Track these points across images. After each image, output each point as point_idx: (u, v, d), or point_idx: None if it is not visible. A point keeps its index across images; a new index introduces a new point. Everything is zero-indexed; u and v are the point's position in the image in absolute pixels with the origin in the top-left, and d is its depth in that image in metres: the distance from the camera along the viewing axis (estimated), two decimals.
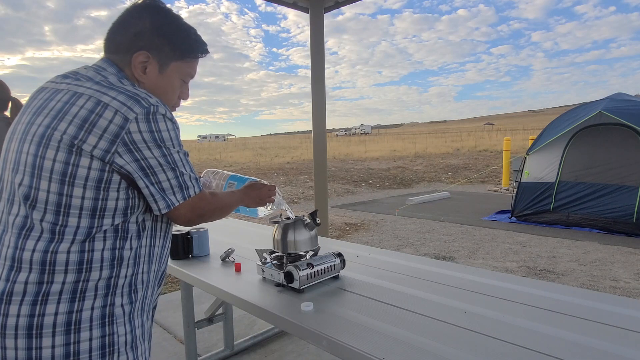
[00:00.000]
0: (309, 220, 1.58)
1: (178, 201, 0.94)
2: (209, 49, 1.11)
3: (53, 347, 0.83)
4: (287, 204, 1.53)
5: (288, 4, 3.84)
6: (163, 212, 0.93)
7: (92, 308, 0.87)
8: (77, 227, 0.86)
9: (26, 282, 0.84)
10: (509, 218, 6.59)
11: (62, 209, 0.85)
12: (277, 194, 1.43)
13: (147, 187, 0.90)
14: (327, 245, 2.03)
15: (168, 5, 1.03)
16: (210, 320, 2.56)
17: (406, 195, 9.56)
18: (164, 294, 3.77)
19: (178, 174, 0.94)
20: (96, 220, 0.88)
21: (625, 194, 5.51)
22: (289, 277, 1.44)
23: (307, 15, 3.83)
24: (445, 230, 6.19)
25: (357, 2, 3.74)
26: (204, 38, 1.09)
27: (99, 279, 0.88)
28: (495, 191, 9.89)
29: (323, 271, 1.52)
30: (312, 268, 1.48)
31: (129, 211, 0.92)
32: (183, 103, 1.14)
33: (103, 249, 0.89)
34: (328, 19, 4.68)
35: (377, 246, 4.83)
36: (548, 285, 1.46)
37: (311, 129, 3.98)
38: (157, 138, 0.90)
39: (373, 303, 1.35)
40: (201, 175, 1.56)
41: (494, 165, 13.74)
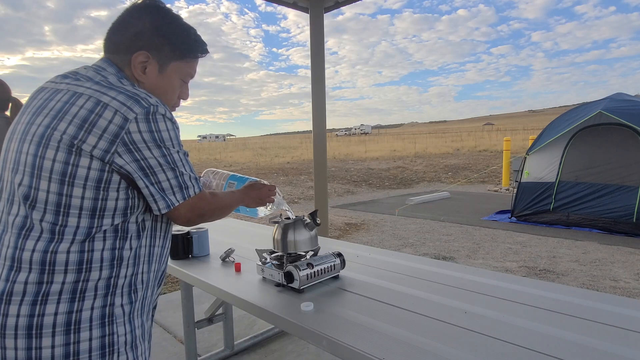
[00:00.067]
0: (309, 220, 1.58)
1: (178, 201, 0.94)
2: (209, 49, 1.11)
3: (53, 347, 0.83)
4: (287, 204, 1.53)
5: (288, 4, 3.84)
6: (163, 212, 0.93)
7: (92, 308, 0.87)
8: (77, 227, 0.86)
9: (26, 282, 0.84)
10: (509, 218, 6.59)
11: (61, 209, 0.85)
12: (277, 194, 1.43)
13: (146, 187, 0.90)
14: (327, 245, 2.03)
15: (168, 5, 1.03)
16: (210, 320, 2.56)
17: (406, 195, 9.56)
18: (164, 294, 3.77)
19: (178, 174, 0.94)
20: (96, 220, 0.88)
21: (625, 194, 5.51)
22: (289, 277, 1.44)
23: (307, 15, 3.83)
24: (445, 230, 6.19)
25: (357, 2, 3.74)
26: (204, 38, 1.09)
27: (98, 279, 0.88)
28: (495, 191, 9.89)
29: (323, 271, 1.52)
30: (312, 268, 1.47)
31: (128, 211, 0.92)
32: (183, 103, 1.14)
33: (103, 249, 0.89)
34: (328, 19, 4.68)
35: (377, 246, 4.83)
36: (548, 285, 1.46)
37: (311, 129, 3.98)
38: (156, 138, 0.90)
39: (373, 303, 1.35)
40: (201, 175, 1.56)
41: (494, 165, 13.74)
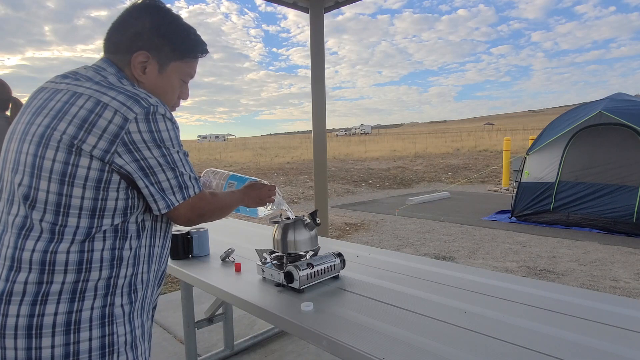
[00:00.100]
0: (309, 220, 1.58)
1: (178, 201, 0.94)
2: (209, 49, 1.11)
3: (53, 347, 0.83)
4: (287, 204, 1.53)
5: (288, 4, 3.84)
6: (163, 212, 0.93)
7: (92, 308, 0.87)
8: (77, 227, 0.86)
9: (26, 282, 0.84)
10: (509, 218, 6.59)
11: (61, 209, 0.85)
12: (277, 194, 1.43)
13: (146, 187, 0.90)
14: (327, 245, 2.03)
15: (168, 5, 1.03)
16: (210, 320, 2.56)
17: (406, 195, 9.56)
18: (164, 294, 3.77)
19: (178, 174, 0.94)
20: (96, 220, 0.88)
21: (625, 194, 5.51)
22: (289, 277, 1.44)
23: (307, 15, 3.83)
24: (445, 230, 6.19)
25: (357, 2, 3.74)
26: (204, 38, 1.09)
27: (98, 279, 0.88)
28: (495, 191, 9.89)
29: (323, 271, 1.52)
30: (312, 268, 1.47)
31: (128, 211, 0.92)
32: (183, 103, 1.14)
33: (103, 249, 0.89)
34: (328, 19, 4.68)
35: (377, 246, 4.83)
36: (548, 285, 1.45)
37: (311, 129, 3.98)
38: (156, 138, 0.90)
39: (373, 303, 1.35)
40: (201, 175, 1.56)
41: (494, 165, 13.74)
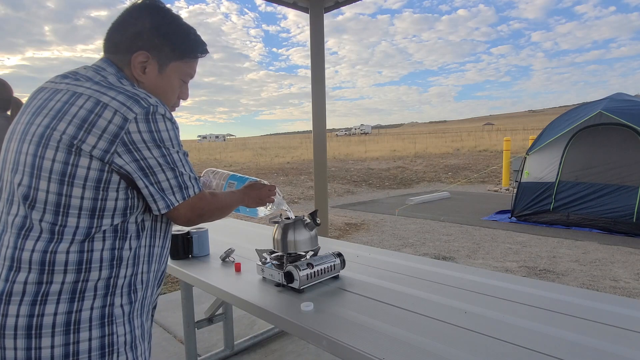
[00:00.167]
0: (309, 220, 1.58)
1: (178, 201, 0.94)
2: (209, 49, 1.11)
3: (52, 347, 0.83)
4: (287, 204, 1.53)
5: (288, 4, 3.84)
6: (162, 212, 0.93)
7: (92, 308, 0.87)
8: (77, 227, 0.86)
9: (25, 282, 0.84)
10: (509, 218, 6.59)
11: (61, 209, 0.85)
12: (277, 194, 1.43)
13: (146, 187, 0.90)
14: (327, 245, 2.03)
15: (168, 5, 1.03)
16: (210, 320, 2.56)
17: (406, 195, 9.56)
18: (164, 294, 3.77)
19: (177, 174, 0.94)
20: (95, 220, 0.88)
21: (625, 194, 5.51)
22: (289, 277, 1.44)
23: (307, 15, 3.83)
24: (445, 230, 6.19)
25: (357, 2, 3.74)
26: (204, 38, 1.09)
27: (98, 279, 0.88)
28: (495, 191, 9.89)
29: (323, 271, 1.52)
30: (312, 268, 1.47)
31: (128, 211, 0.92)
32: (183, 103, 1.14)
33: (102, 249, 0.89)
34: (328, 19, 4.68)
35: (377, 246, 4.82)
36: (548, 285, 1.45)
37: (311, 129, 3.98)
38: (156, 138, 0.90)
39: (373, 303, 1.35)
40: (201, 175, 1.56)
41: (494, 165, 13.74)
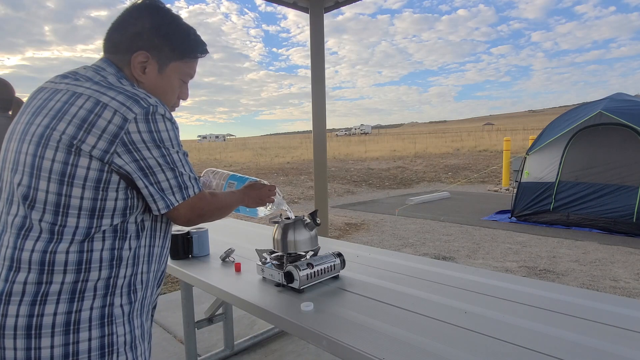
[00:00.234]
0: (309, 220, 1.58)
1: (177, 201, 0.94)
2: (209, 49, 1.11)
3: (52, 347, 0.83)
4: (287, 204, 1.53)
5: (288, 4, 3.84)
6: (162, 212, 0.93)
7: (91, 308, 0.87)
8: (76, 227, 0.86)
9: (25, 282, 0.84)
10: (509, 218, 6.59)
11: (61, 209, 0.85)
12: (277, 194, 1.43)
13: (146, 187, 0.90)
14: (327, 245, 2.03)
15: (168, 5, 1.03)
16: (210, 320, 2.56)
17: (406, 195, 9.56)
18: (164, 294, 3.77)
19: (177, 174, 0.94)
20: (95, 220, 0.88)
21: (625, 194, 5.51)
22: (289, 277, 1.44)
23: (307, 15, 3.83)
24: (445, 230, 6.19)
25: (357, 2, 3.74)
26: (204, 38, 1.09)
27: (98, 279, 0.88)
28: (495, 191, 9.89)
29: (323, 271, 1.52)
30: (312, 268, 1.47)
31: (128, 211, 0.92)
32: (183, 103, 1.14)
33: (102, 249, 0.89)
34: (328, 19, 4.68)
35: (377, 246, 4.82)
36: (548, 285, 1.45)
37: (311, 129, 3.98)
38: (156, 138, 0.90)
39: (373, 303, 1.35)
40: (201, 175, 1.56)
41: (494, 165, 13.74)
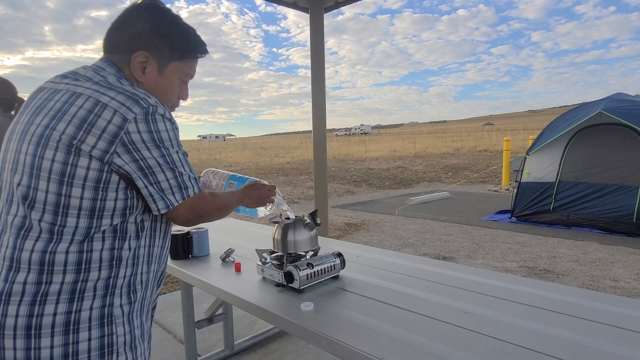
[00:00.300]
0: (309, 220, 1.58)
1: (177, 201, 0.94)
2: (209, 49, 1.11)
3: (52, 347, 0.83)
4: (287, 204, 1.53)
5: (288, 4, 3.84)
6: (162, 212, 0.93)
7: (91, 308, 0.87)
8: (76, 227, 0.86)
9: (25, 283, 0.84)
10: (509, 218, 6.59)
11: (60, 209, 0.85)
12: (277, 194, 1.43)
13: (146, 187, 0.90)
14: (327, 245, 2.03)
15: (168, 5, 1.02)
16: (210, 320, 2.56)
17: (406, 195, 9.56)
18: (164, 294, 3.77)
19: (177, 174, 0.94)
20: (95, 220, 0.88)
21: (625, 194, 5.51)
22: (289, 277, 1.44)
23: (307, 15, 3.83)
24: (445, 230, 6.19)
25: (357, 2, 3.74)
26: (204, 38, 1.09)
27: (97, 279, 0.88)
28: (495, 191, 9.89)
29: (323, 271, 1.51)
30: (312, 268, 1.47)
31: (127, 211, 0.92)
32: (183, 103, 1.14)
33: (102, 249, 0.89)
34: (328, 19, 4.68)
35: (377, 246, 4.82)
36: (548, 285, 1.45)
37: (311, 129, 3.98)
38: (156, 138, 0.90)
39: (373, 303, 1.35)
40: (201, 175, 1.56)
41: (494, 165, 13.73)
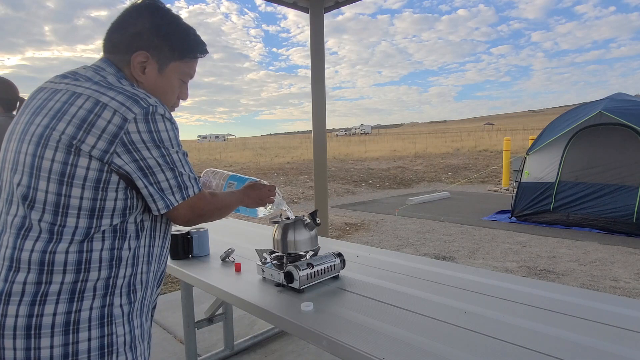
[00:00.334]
0: (309, 220, 1.58)
1: (177, 201, 0.94)
2: (209, 49, 1.11)
3: (52, 347, 0.83)
4: (287, 204, 1.53)
5: (288, 4, 3.84)
6: (162, 212, 0.93)
7: (91, 308, 0.87)
8: (76, 227, 0.86)
9: (25, 283, 0.84)
10: (509, 218, 6.59)
11: (60, 209, 0.85)
12: (277, 194, 1.43)
13: (145, 187, 0.90)
14: (327, 245, 2.03)
15: (167, 5, 1.02)
16: (210, 320, 2.56)
17: (406, 195, 9.56)
18: (164, 294, 3.77)
19: (177, 174, 0.94)
20: (95, 220, 0.88)
21: (625, 194, 5.51)
22: (289, 277, 1.44)
23: (307, 15, 3.83)
24: (445, 230, 6.19)
25: (357, 2, 3.74)
26: (204, 38, 1.09)
27: (97, 279, 0.88)
28: (495, 191, 9.89)
29: (323, 271, 1.51)
30: (312, 268, 1.47)
31: (127, 211, 0.92)
32: (183, 103, 1.14)
33: (102, 249, 0.89)
34: (328, 19, 4.69)
35: (377, 246, 4.82)
36: (548, 285, 1.45)
37: (311, 129, 3.98)
38: (155, 138, 0.90)
39: (373, 303, 1.35)
40: (201, 175, 1.56)
41: (494, 165, 13.73)
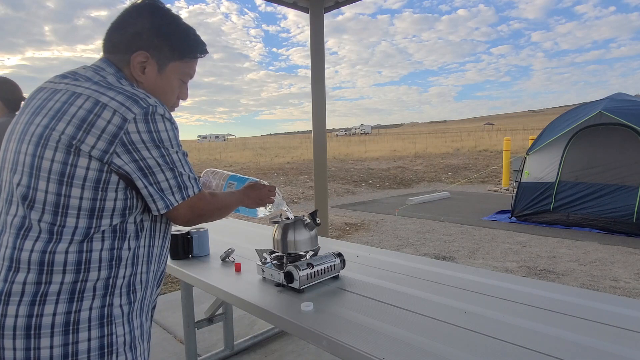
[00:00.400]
0: (309, 220, 1.58)
1: (177, 201, 0.94)
2: (209, 49, 1.11)
3: (51, 347, 0.83)
4: (287, 204, 1.53)
5: (288, 4, 3.84)
6: (162, 212, 0.93)
7: (91, 308, 0.87)
8: (75, 227, 0.86)
9: (24, 283, 0.84)
10: (509, 218, 6.59)
11: (60, 209, 0.85)
12: (277, 195, 1.43)
13: (145, 187, 0.90)
14: (327, 245, 2.03)
15: (167, 5, 1.02)
16: (210, 320, 2.56)
17: (406, 195, 9.56)
18: (163, 294, 3.77)
19: (177, 174, 0.93)
20: (94, 220, 0.87)
21: (625, 194, 5.51)
22: (289, 277, 1.44)
23: (307, 15, 3.83)
24: (445, 230, 6.19)
25: (357, 2, 3.74)
26: (204, 38, 1.09)
27: (97, 279, 0.88)
28: (495, 191, 9.89)
29: (323, 271, 1.51)
30: (312, 268, 1.47)
31: (127, 211, 0.92)
32: (182, 103, 1.14)
33: (101, 249, 0.89)
34: (328, 19, 4.69)
35: (377, 246, 4.82)
36: (548, 285, 1.45)
37: (311, 129, 3.98)
38: (155, 138, 0.90)
39: (373, 303, 1.35)
40: (201, 175, 1.56)
41: (494, 165, 13.73)
